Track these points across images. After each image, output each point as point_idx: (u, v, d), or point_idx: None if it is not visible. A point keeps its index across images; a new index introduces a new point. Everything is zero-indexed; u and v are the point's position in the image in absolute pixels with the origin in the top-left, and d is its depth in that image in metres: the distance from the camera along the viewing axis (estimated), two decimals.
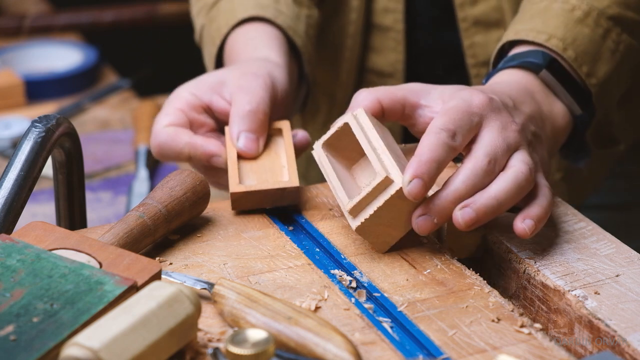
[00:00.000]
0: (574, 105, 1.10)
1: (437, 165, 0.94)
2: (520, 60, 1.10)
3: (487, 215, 0.94)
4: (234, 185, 1.03)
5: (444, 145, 0.95)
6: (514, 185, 0.95)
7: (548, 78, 1.09)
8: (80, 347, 0.76)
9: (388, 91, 1.02)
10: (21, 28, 1.94)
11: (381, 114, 1.02)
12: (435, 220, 0.95)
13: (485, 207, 0.94)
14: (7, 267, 0.86)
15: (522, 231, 0.95)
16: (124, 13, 2.02)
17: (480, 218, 0.94)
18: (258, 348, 0.79)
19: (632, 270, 0.95)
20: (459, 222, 0.94)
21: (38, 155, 0.98)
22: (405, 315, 0.89)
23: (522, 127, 1.00)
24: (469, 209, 0.94)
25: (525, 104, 1.04)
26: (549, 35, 1.10)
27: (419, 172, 0.93)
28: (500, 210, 0.95)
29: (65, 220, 1.07)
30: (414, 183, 0.93)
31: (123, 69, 1.92)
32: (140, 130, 1.57)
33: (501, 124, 0.98)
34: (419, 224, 0.95)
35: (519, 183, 0.95)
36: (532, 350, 0.86)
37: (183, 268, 0.95)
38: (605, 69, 1.12)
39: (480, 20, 1.32)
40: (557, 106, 1.09)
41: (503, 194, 0.95)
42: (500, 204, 0.94)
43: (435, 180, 0.95)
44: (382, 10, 1.35)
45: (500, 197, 0.94)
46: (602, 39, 1.12)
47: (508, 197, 0.95)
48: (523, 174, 0.96)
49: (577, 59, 1.10)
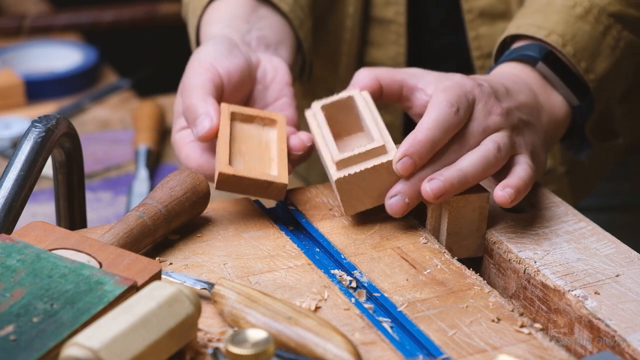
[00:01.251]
0: (571, 96, 1.12)
1: (431, 145, 0.98)
2: (518, 53, 1.12)
3: (454, 186, 0.97)
4: (223, 165, 1.01)
5: (446, 121, 0.98)
6: (480, 160, 0.99)
7: (545, 70, 1.11)
8: (80, 347, 0.76)
9: (387, 72, 1.07)
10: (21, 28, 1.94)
11: (379, 93, 1.06)
12: (407, 200, 0.99)
13: (451, 178, 0.97)
14: (7, 267, 0.86)
15: (502, 198, 0.99)
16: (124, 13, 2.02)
17: (447, 189, 0.97)
18: (258, 348, 0.79)
19: (632, 270, 0.95)
20: (427, 192, 0.97)
21: (38, 155, 0.98)
22: (405, 315, 0.89)
23: (507, 111, 1.03)
24: (436, 180, 0.97)
25: (520, 93, 1.07)
26: (549, 31, 1.11)
27: (410, 151, 0.97)
28: (466, 183, 0.98)
29: (65, 220, 1.07)
30: (404, 161, 0.98)
31: (123, 69, 1.92)
32: (140, 130, 1.57)
33: (486, 109, 1.01)
34: (392, 205, 0.99)
35: (487, 159, 0.99)
36: (532, 350, 0.86)
37: (183, 268, 0.95)
38: (604, 65, 1.13)
39: (486, 12, 1.32)
40: (554, 97, 1.11)
41: (470, 167, 0.98)
42: (466, 177, 0.98)
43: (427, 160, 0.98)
44: (383, 3, 1.35)
45: (467, 170, 0.98)
46: (602, 36, 1.13)
47: (474, 171, 0.98)
48: (490, 151, 0.99)
49: (575, 55, 1.11)
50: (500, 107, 1.02)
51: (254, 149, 1.06)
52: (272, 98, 1.13)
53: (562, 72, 1.12)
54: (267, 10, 1.20)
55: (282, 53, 1.18)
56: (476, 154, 0.99)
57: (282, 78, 1.14)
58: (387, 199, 0.99)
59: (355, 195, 1.00)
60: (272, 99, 1.13)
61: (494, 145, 0.99)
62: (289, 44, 1.20)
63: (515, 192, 0.99)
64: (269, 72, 1.13)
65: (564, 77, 1.12)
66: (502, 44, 1.17)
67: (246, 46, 1.15)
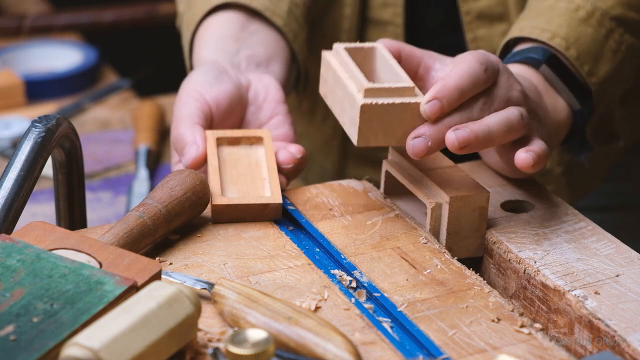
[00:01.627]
0: (573, 100, 1.12)
1: (459, 93, 0.98)
2: (522, 56, 1.13)
3: (479, 139, 0.97)
4: (216, 196, 1.02)
5: (475, 75, 0.99)
6: (505, 121, 0.99)
7: (548, 73, 1.11)
8: (80, 347, 0.76)
9: (409, 46, 1.07)
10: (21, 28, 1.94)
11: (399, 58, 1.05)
12: (430, 144, 0.98)
13: (477, 132, 0.97)
14: (7, 267, 0.86)
15: (526, 160, 0.99)
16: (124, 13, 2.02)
17: (472, 140, 0.97)
18: (258, 348, 0.79)
19: (632, 270, 0.95)
20: (452, 140, 0.97)
21: (38, 155, 0.98)
22: (405, 315, 0.89)
23: (525, 94, 1.03)
24: (462, 131, 0.97)
25: (529, 91, 1.07)
26: (552, 34, 1.11)
27: (440, 94, 0.97)
28: (490, 140, 0.98)
29: (65, 220, 1.07)
30: (433, 103, 0.97)
31: (123, 69, 1.92)
32: (140, 130, 1.57)
33: (509, 82, 1.01)
34: (414, 145, 0.98)
35: (511, 121, 0.99)
36: (532, 350, 0.86)
37: (183, 268, 0.95)
38: (606, 69, 1.13)
39: (484, 14, 1.32)
40: (556, 100, 1.11)
41: (495, 125, 0.98)
42: (491, 133, 0.98)
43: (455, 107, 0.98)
44: (380, 5, 1.35)
45: (492, 127, 0.98)
46: (605, 39, 1.14)
47: (499, 130, 0.98)
48: (515, 116, 0.99)
49: (579, 58, 1.11)
50: (520, 85, 1.02)
51: (245, 172, 1.07)
52: (265, 117, 1.14)
53: (564, 75, 1.12)
54: (259, 24, 1.21)
55: (273, 69, 1.18)
56: (502, 114, 0.99)
57: (274, 96, 1.14)
58: (410, 139, 0.98)
59: (373, 128, 0.99)
60: (265, 118, 1.14)
61: (518, 111, 0.99)
62: (282, 58, 1.20)
63: (537, 157, 0.99)
64: (261, 92, 1.14)
65: (566, 80, 1.12)
66: (505, 47, 1.17)
67: (235, 69, 1.16)
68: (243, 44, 1.19)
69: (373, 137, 0.99)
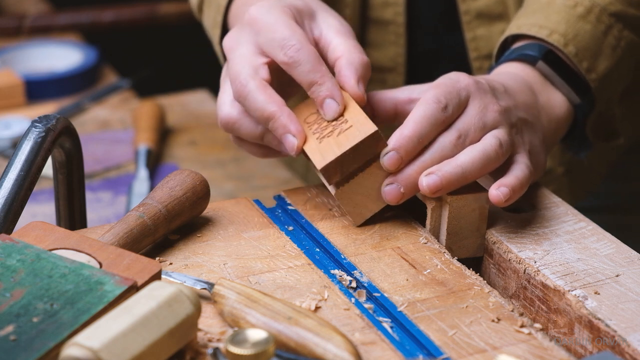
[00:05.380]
0: (572, 94, 1.12)
1: (417, 140, 0.98)
2: (518, 53, 1.12)
3: (451, 183, 0.97)
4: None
5: (433, 117, 0.98)
6: (480, 156, 0.98)
7: (545, 69, 1.11)
8: (80, 347, 0.76)
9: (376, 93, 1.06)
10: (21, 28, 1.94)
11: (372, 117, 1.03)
12: (402, 190, 0.99)
13: (449, 175, 0.97)
14: (7, 267, 0.86)
15: (497, 197, 0.98)
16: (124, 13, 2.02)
17: (444, 185, 0.97)
18: (258, 348, 0.79)
19: (632, 270, 0.95)
20: (423, 187, 0.97)
21: (38, 155, 0.98)
22: (405, 315, 0.89)
23: (505, 109, 1.02)
24: (434, 175, 0.97)
25: (520, 93, 1.07)
26: (550, 31, 1.11)
27: (397, 145, 0.98)
28: (465, 179, 0.98)
29: (65, 220, 1.07)
30: (391, 155, 0.98)
31: (123, 69, 1.92)
32: (140, 130, 1.57)
33: (483, 104, 1.01)
34: (386, 192, 0.99)
35: (487, 155, 0.98)
36: (532, 350, 0.86)
37: (183, 268, 0.95)
38: (605, 65, 1.13)
39: (483, 13, 1.32)
40: (555, 96, 1.11)
41: (469, 163, 0.98)
42: (464, 173, 0.97)
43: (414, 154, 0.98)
44: (381, 5, 1.35)
45: (466, 166, 0.97)
46: (604, 35, 1.13)
47: (474, 167, 0.98)
48: (492, 147, 0.99)
49: (577, 55, 1.11)
50: (497, 104, 1.02)
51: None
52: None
53: (562, 71, 1.12)
54: None
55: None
56: (477, 148, 0.99)
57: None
58: (383, 186, 0.99)
59: (359, 203, 1.01)
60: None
61: (496, 141, 0.99)
62: None
63: (511, 192, 0.98)
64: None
65: (565, 75, 1.12)
66: (503, 44, 1.17)
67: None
68: None
69: (364, 209, 1.01)
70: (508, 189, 0.98)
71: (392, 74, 1.37)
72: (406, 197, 0.99)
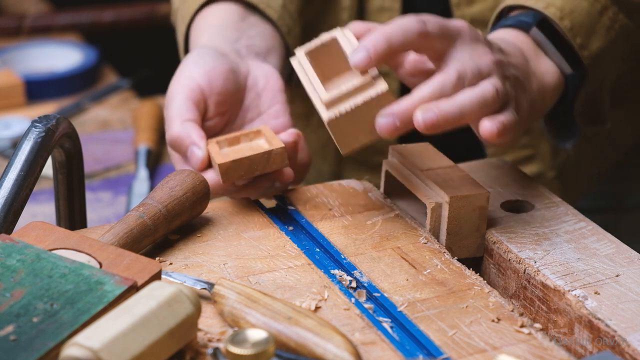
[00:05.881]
0: (564, 63, 1.11)
1: (387, 42, 0.96)
2: (513, 20, 1.12)
3: (447, 120, 0.95)
4: (219, 157, 1.02)
5: (407, 25, 0.96)
6: (479, 98, 0.96)
7: (538, 36, 1.11)
8: (80, 347, 0.76)
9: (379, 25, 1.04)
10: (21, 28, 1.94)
11: None
12: (397, 123, 0.96)
13: (446, 112, 0.95)
14: (7, 267, 0.86)
15: (490, 130, 0.96)
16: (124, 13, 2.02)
17: (440, 122, 0.95)
18: (258, 348, 0.79)
19: (632, 270, 0.95)
20: (419, 122, 0.95)
21: (38, 155, 0.98)
22: (405, 315, 0.89)
23: (499, 62, 1.01)
24: (432, 111, 0.95)
25: (513, 56, 1.06)
26: (547, 3, 1.11)
27: (366, 43, 0.96)
28: (460, 119, 0.96)
29: (65, 220, 1.07)
30: (358, 52, 0.96)
31: (123, 69, 1.92)
32: (140, 130, 1.57)
33: (475, 50, 0.99)
34: (380, 125, 0.96)
35: (485, 98, 0.97)
36: (532, 350, 0.86)
37: (183, 268, 0.95)
38: (598, 44, 1.12)
39: (477, 19, 1.32)
40: (546, 64, 1.10)
41: (467, 103, 0.96)
42: (462, 113, 0.96)
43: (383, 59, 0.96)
44: (377, 10, 1.35)
45: (464, 106, 0.96)
46: (599, 15, 1.13)
47: (471, 108, 0.96)
48: (489, 92, 0.97)
49: (572, 30, 1.11)
50: (491, 54, 1.00)
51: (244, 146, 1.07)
52: (265, 105, 1.13)
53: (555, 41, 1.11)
54: (256, 18, 1.20)
55: (272, 61, 1.17)
56: (475, 91, 0.97)
57: (274, 85, 1.13)
58: (378, 118, 0.96)
59: (349, 133, 0.98)
60: (265, 107, 1.13)
61: (493, 87, 0.97)
62: (279, 52, 1.19)
63: (505, 128, 0.96)
64: (260, 79, 1.13)
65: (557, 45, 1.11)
66: (499, 15, 1.16)
67: (236, 54, 1.14)
68: (243, 33, 1.18)
69: (353, 140, 0.99)
70: (500, 122, 0.96)
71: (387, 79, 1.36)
72: (400, 131, 0.96)
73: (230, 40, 1.16)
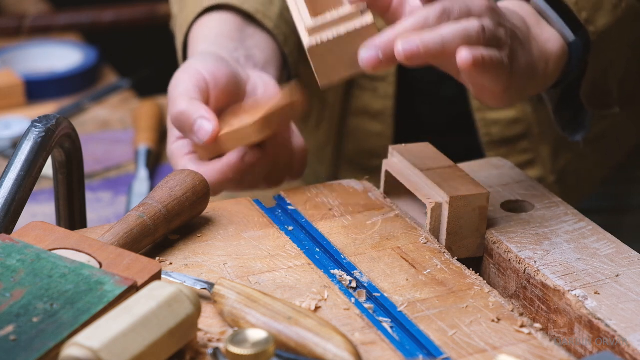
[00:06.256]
0: (566, 30, 1.09)
1: None
2: None
3: (429, 51, 0.92)
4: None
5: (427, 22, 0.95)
6: (462, 32, 0.94)
7: (541, 4, 1.09)
8: (80, 347, 0.76)
9: None
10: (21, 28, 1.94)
11: None
12: (380, 56, 0.93)
13: (427, 42, 0.92)
14: (7, 267, 0.86)
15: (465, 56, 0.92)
16: (124, 13, 2.02)
17: (421, 51, 0.92)
18: (258, 348, 0.79)
19: (632, 270, 0.95)
20: (399, 52, 0.92)
21: (38, 155, 0.98)
22: (405, 315, 0.89)
23: (494, 9, 0.98)
24: (412, 40, 0.92)
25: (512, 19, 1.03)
26: None
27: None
28: (442, 52, 0.93)
29: (65, 220, 1.07)
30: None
31: (123, 69, 1.92)
32: (140, 130, 1.57)
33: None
34: (363, 57, 0.94)
35: (468, 33, 0.94)
36: (532, 350, 0.86)
37: (183, 268, 0.95)
38: (604, 21, 1.10)
39: None
40: (548, 31, 1.08)
41: (450, 35, 0.93)
42: (444, 44, 0.93)
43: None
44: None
45: (446, 38, 0.93)
46: None
47: (454, 41, 0.93)
48: (474, 28, 0.94)
49: (577, 4, 1.09)
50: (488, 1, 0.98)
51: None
52: None
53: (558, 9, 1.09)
54: (254, 28, 1.20)
55: (270, 72, 1.18)
56: (459, 25, 0.94)
57: (272, 93, 1.13)
58: (361, 51, 0.94)
59: (330, 64, 0.96)
60: None
61: (479, 25, 0.95)
62: (276, 62, 1.20)
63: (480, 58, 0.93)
64: (259, 86, 1.14)
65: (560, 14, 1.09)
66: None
67: (235, 62, 1.15)
68: (241, 44, 1.18)
69: (333, 72, 0.97)
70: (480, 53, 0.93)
71: (383, 83, 1.36)
72: (383, 64, 0.94)
73: (229, 49, 1.16)
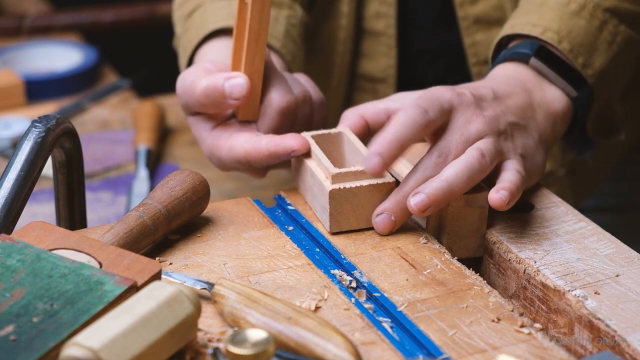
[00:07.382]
0: (568, 87, 1.11)
1: (399, 143, 0.98)
2: (511, 52, 1.12)
3: (439, 198, 0.97)
4: None
5: (413, 120, 0.98)
6: (463, 168, 0.98)
7: (538, 65, 1.11)
8: (80, 347, 0.76)
9: (370, 105, 1.08)
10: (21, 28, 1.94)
11: (367, 128, 1.07)
12: (393, 218, 0.99)
13: (435, 190, 0.97)
14: (7, 267, 0.86)
15: (499, 200, 0.98)
16: (124, 13, 2.02)
17: (432, 201, 0.97)
18: (258, 348, 0.79)
19: (632, 270, 0.95)
20: (412, 208, 0.97)
21: (38, 155, 0.98)
22: (405, 315, 0.89)
23: (491, 118, 1.02)
24: (421, 194, 0.97)
25: (512, 96, 1.06)
26: (544, 29, 1.11)
27: (378, 149, 0.98)
28: (452, 194, 0.98)
29: (65, 220, 1.07)
30: (372, 158, 0.98)
31: (123, 69, 1.92)
32: (140, 130, 1.57)
33: (465, 118, 1.01)
34: (378, 223, 1.00)
35: (471, 166, 0.98)
36: (532, 350, 0.86)
37: (183, 268, 0.95)
38: (601, 61, 1.12)
39: (481, 19, 1.32)
40: (551, 91, 1.10)
41: (453, 176, 0.98)
42: (450, 186, 0.97)
43: (395, 159, 0.99)
44: (373, 15, 1.35)
45: (451, 180, 0.97)
46: (599, 31, 1.13)
47: (458, 180, 0.98)
48: (474, 158, 0.99)
49: (572, 51, 1.11)
50: (481, 115, 1.01)
51: None
52: None
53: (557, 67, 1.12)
54: None
55: None
56: (459, 162, 0.99)
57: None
58: (374, 217, 1.00)
59: (344, 212, 1.00)
60: None
61: (478, 152, 0.99)
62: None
63: (510, 195, 0.98)
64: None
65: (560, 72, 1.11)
66: (498, 46, 1.17)
67: None
68: None
69: (345, 221, 1.01)
70: (507, 191, 0.98)
71: (383, 84, 1.37)
72: (398, 224, 1.00)
73: None
